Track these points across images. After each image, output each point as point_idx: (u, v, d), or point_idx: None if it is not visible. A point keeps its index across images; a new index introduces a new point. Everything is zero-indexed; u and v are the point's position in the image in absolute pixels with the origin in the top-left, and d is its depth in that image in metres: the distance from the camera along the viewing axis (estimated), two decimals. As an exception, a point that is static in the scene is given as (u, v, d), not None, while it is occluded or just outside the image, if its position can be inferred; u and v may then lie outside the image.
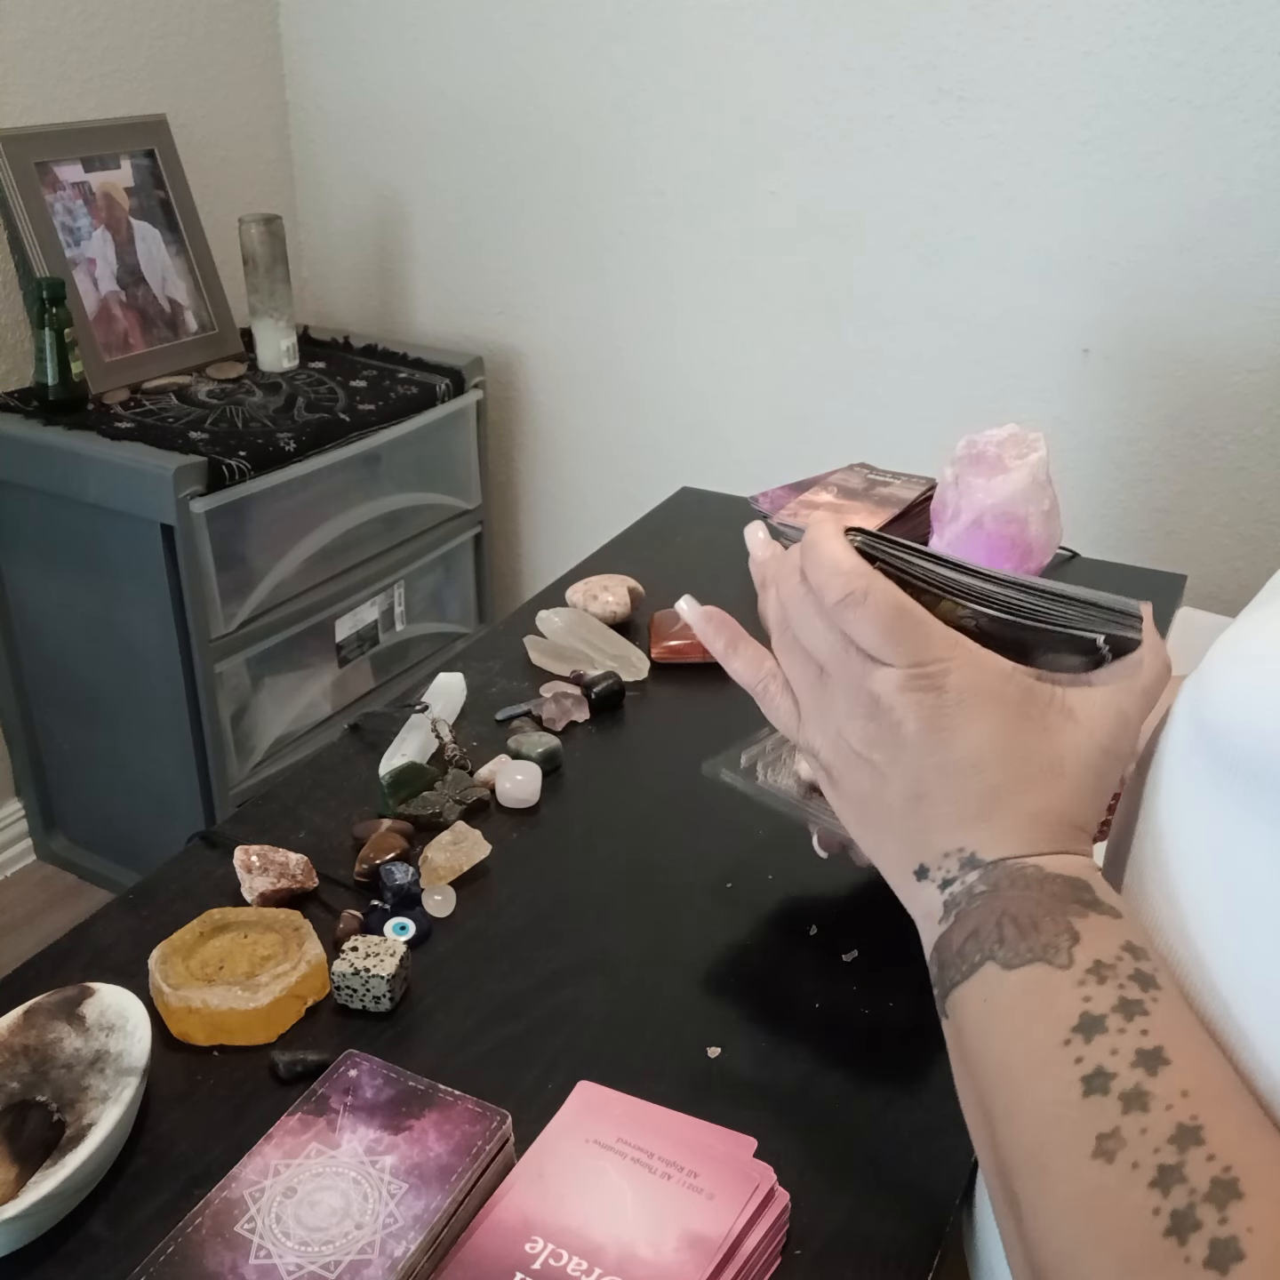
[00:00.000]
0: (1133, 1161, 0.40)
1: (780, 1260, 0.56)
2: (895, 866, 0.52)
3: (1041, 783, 0.50)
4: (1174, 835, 0.47)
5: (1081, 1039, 0.43)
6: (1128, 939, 0.45)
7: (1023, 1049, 0.45)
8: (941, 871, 0.50)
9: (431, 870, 0.77)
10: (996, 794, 0.50)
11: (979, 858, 0.49)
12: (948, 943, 0.49)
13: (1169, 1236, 0.38)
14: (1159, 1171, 0.39)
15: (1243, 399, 1.68)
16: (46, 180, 1.82)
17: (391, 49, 2.14)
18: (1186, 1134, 0.40)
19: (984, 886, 0.48)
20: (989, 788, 0.50)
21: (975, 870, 0.49)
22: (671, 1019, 0.68)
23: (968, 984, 0.47)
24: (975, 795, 0.50)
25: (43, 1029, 0.62)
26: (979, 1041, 0.47)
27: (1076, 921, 0.46)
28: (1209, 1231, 0.38)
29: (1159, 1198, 0.39)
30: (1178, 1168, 0.39)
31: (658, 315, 2.08)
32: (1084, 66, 1.63)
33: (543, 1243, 0.52)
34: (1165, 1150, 0.40)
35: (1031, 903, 0.47)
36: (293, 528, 1.84)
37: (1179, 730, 0.49)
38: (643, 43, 1.92)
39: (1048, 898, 0.47)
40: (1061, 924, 0.46)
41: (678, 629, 1.04)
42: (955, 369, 1.86)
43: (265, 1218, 0.53)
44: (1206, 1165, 0.39)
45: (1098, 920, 0.46)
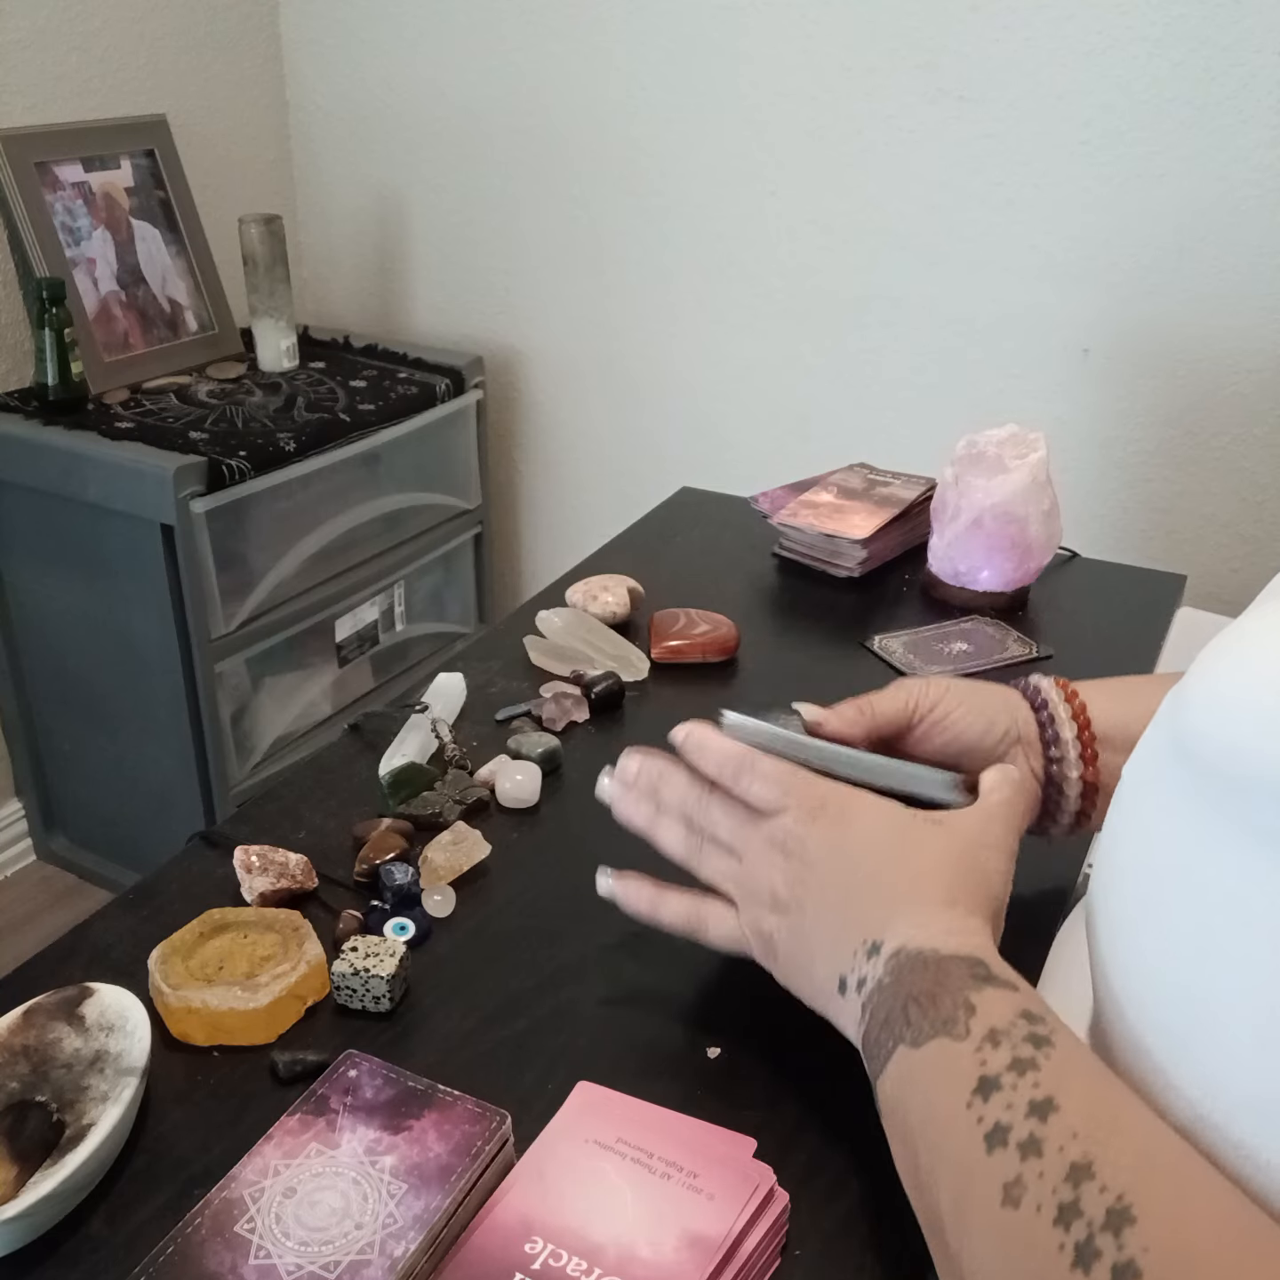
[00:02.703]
0: (1036, 1204, 0.42)
1: (780, 1260, 0.56)
2: (823, 991, 0.58)
3: (926, 872, 0.56)
4: (1147, 836, 0.48)
5: (980, 1099, 0.46)
6: (1024, 1008, 0.49)
7: (933, 1117, 0.48)
8: (855, 975, 0.55)
9: (431, 870, 0.77)
10: (884, 878, 0.56)
11: (880, 945, 0.54)
12: (867, 1038, 0.53)
13: (1075, 1268, 0.40)
14: (1059, 1210, 0.42)
15: (1243, 399, 1.68)
16: (46, 180, 1.82)
17: (391, 49, 2.14)
18: (1079, 1170, 0.42)
19: (889, 977, 0.53)
20: (876, 872, 0.57)
21: (879, 959, 0.54)
22: (671, 1019, 0.68)
23: (885, 1071, 0.51)
24: (867, 885, 0.57)
25: (43, 1029, 0.62)
26: (900, 1118, 0.50)
27: (972, 995, 0.50)
28: (1109, 1258, 0.40)
29: (1062, 1234, 0.41)
30: (1074, 1203, 0.41)
31: (658, 315, 2.08)
32: (1084, 66, 1.63)
33: (542, 1243, 0.52)
34: (1062, 1189, 0.42)
35: (930, 982, 0.51)
36: (293, 528, 1.84)
37: (1157, 732, 0.50)
38: (643, 43, 1.92)
39: (945, 976, 0.51)
40: (959, 999, 0.50)
41: (678, 629, 1.04)
42: (955, 369, 1.86)
43: (265, 1218, 0.53)
44: (1100, 1197, 0.41)
45: (993, 993, 0.50)
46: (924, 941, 0.53)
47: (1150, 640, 1.09)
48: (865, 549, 1.16)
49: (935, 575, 1.15)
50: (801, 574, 1.19)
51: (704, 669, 1.03)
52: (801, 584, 1.18)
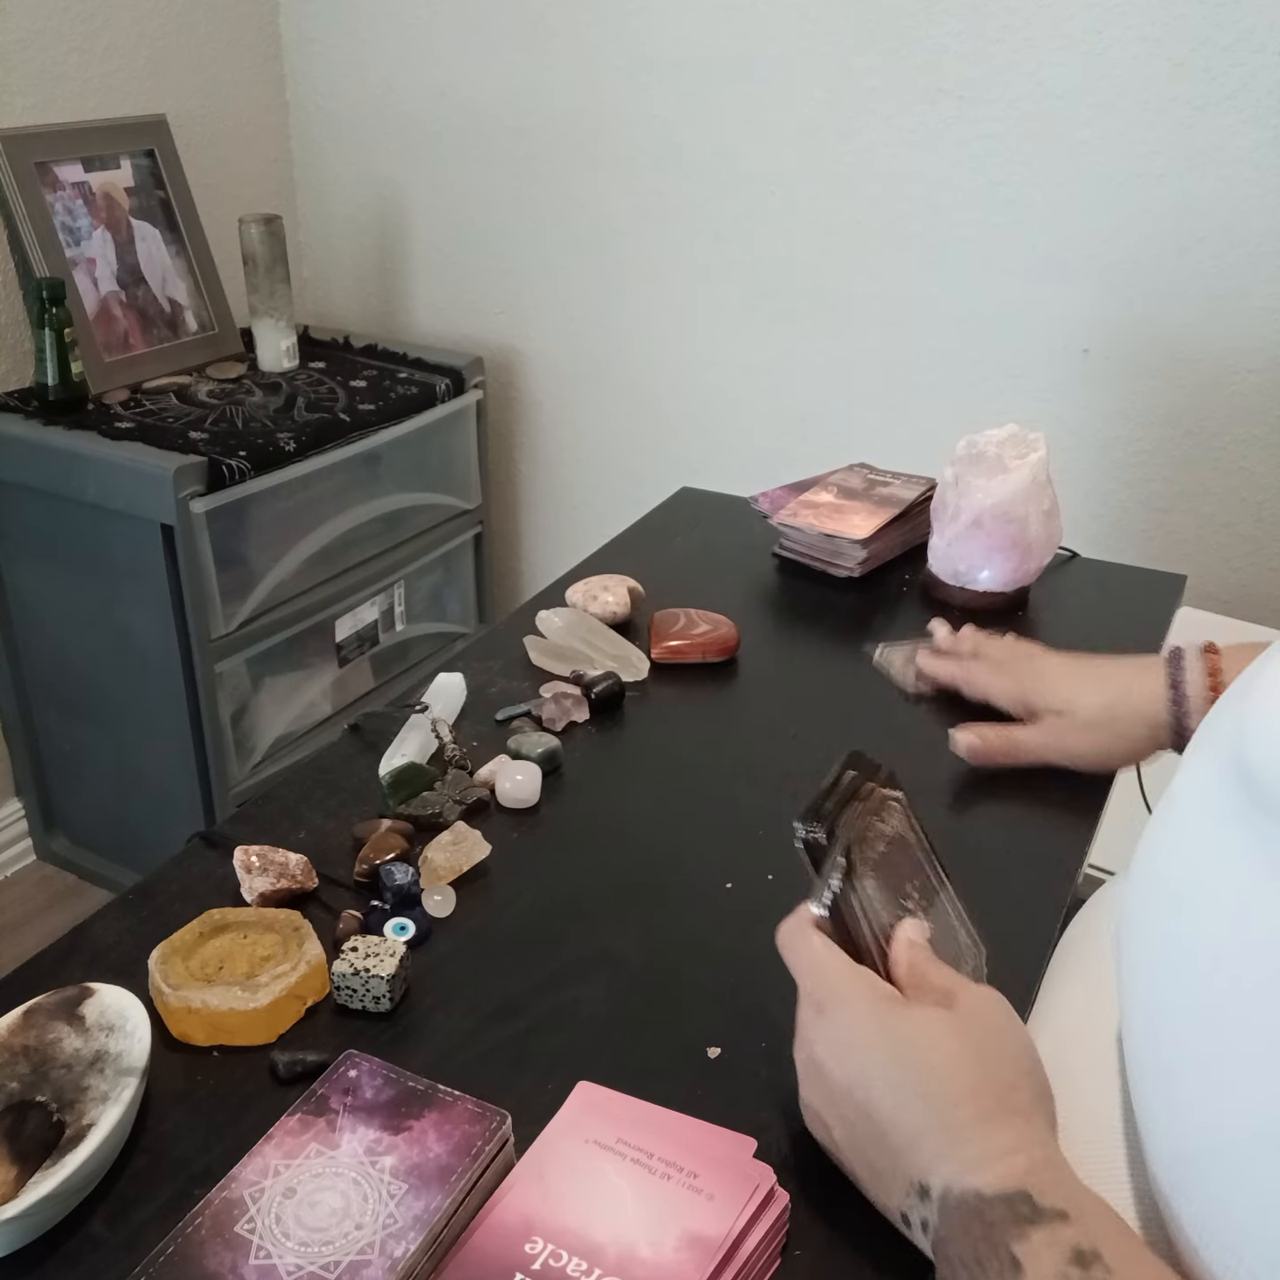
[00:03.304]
0: None
1: (780, 1260, 0.56)
2: (892, 1216, 0.55)
3: (949, 1091, 0.53)
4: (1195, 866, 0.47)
5: None
6: (1074, 1245, 0.46)
7: None
8: (915, 1214, 0.53)
9: (431, 870, 0.77)
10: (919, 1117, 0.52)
11: (928, 1189, 0.51)
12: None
13: None
14: None
15: (1243, 399, 1.68)
16: (46, 180, 1.82)
17: (392, 49, 2.14)
18: None
19: (944, 1228, 0.50)
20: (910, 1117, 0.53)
21: (933, 1204, 0.51)
22: (671, 1019, 0.68)
23: None
24: (900, 1130, 0.53)
25: (43, 1029, 0.62)
26: None
27: (1017, 1247, 0.47)
28: None
29: None
30: None
31: (658, 315, 2.08)
32: (1084, 66, 1.63)
33: (542, 1243, 0.52)
34: None
35: (977, 1239, 0.48)
36: (293, 528, 1.84)
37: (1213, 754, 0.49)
38: (643, 43, 1.92)
39: (989, 1229, 0.48)
40: (1004, 1256, 0.47)
41: (678, 629, 1.04)
42: (955, 369, 1.86)
43: (265, 1218, 0.53)
44: None
45: (1039, 1237, 0.47)
46: (967, 1182, 0.50)
47: (1150, 640, 1.09)
48: (865, 549, 1.16)
49: (935, 575, 1.15)
50: (801, 574, 1.19)
51: (704, 669, 1.03)
52: (801, 584, 1.18)
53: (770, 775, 0.89)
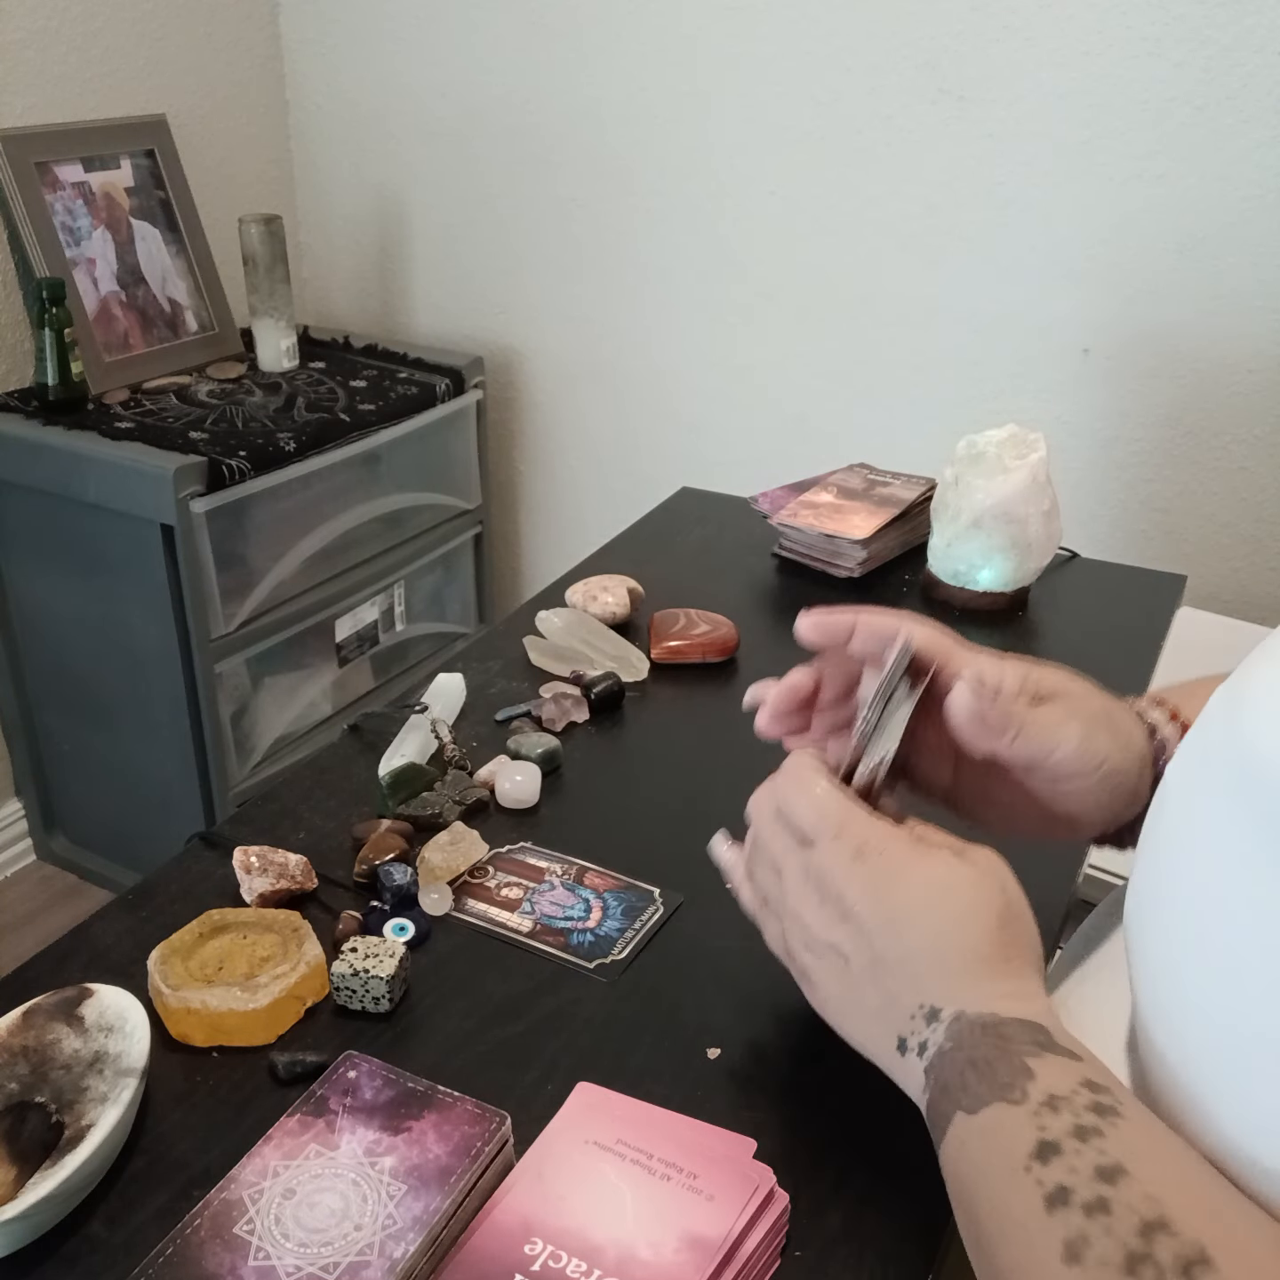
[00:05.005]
0: (1101, 1259, 0.42)
1: (780, 1261, 0.56)
2: (882, 1049, 0.56)
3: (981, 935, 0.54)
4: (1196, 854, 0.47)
5: (1039, 1164, 0.45)
6: (1086, 1077, 0.48)
7: (989, 1180, 0.47)
8: (915, 1037, 0.54)
9: (429, 871, 0.77)
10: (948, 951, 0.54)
11: (939, 1011, 0.53)
12: (932, 1106, 0.52)
13: None
14: (1127, 1259, 0.41)
15: (1243, 399, 1.68)
16: (46, 180, 1.82)
17: (391, 49, 2.14)
18: (1152, 1227, 0.41)
19: (949, 1043, 0.52)
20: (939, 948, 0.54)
21: (939, 1024, 0.52)
22: (671, 1019, 0.68)
23: (946, 1139, 0.51)
24: (926, 957, 0.54)
25: (42, 1030, 0.62)
26: (960, 1184, 0.50)
27: (1031, 1061, 0.49)
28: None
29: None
30: (1146, 1255, 0.41)
31: (658, 315, 2.08)
32: (1084, 66, 1.63)
33: (542, 1244, 0.52)
34: (1133, 1242, 0.41)
35: (989, 1047, 0.50)
36: (293, 528, 1.84)
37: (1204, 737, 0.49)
38: (643, 43, 1.92)
39: (1005, 1042, 0.50)
40: (1017, 1064, 0.49)
41: (678, 629, 1.04)
42: (955, 369, 1.86)
43: (264, 1219, 0.52)
44: (1175, 1246, 0.40)
45: (1053, 1060, 0.49)
46: (984, 1006, 0.52)
47: (1150, 640, 1.09)
48: (865, 549, 1.16)
49: (935, 575, 1.15)
50: (801, 574, 1.19)
51: (704, 669, 1.03)
52: (801, 584, 1.18)
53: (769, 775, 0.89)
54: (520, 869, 0.79)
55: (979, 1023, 0.51)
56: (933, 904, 0.55)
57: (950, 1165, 0.51)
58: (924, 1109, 0.53)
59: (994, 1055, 0.49)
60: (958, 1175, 0.50)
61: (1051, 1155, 0.45)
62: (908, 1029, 0.54)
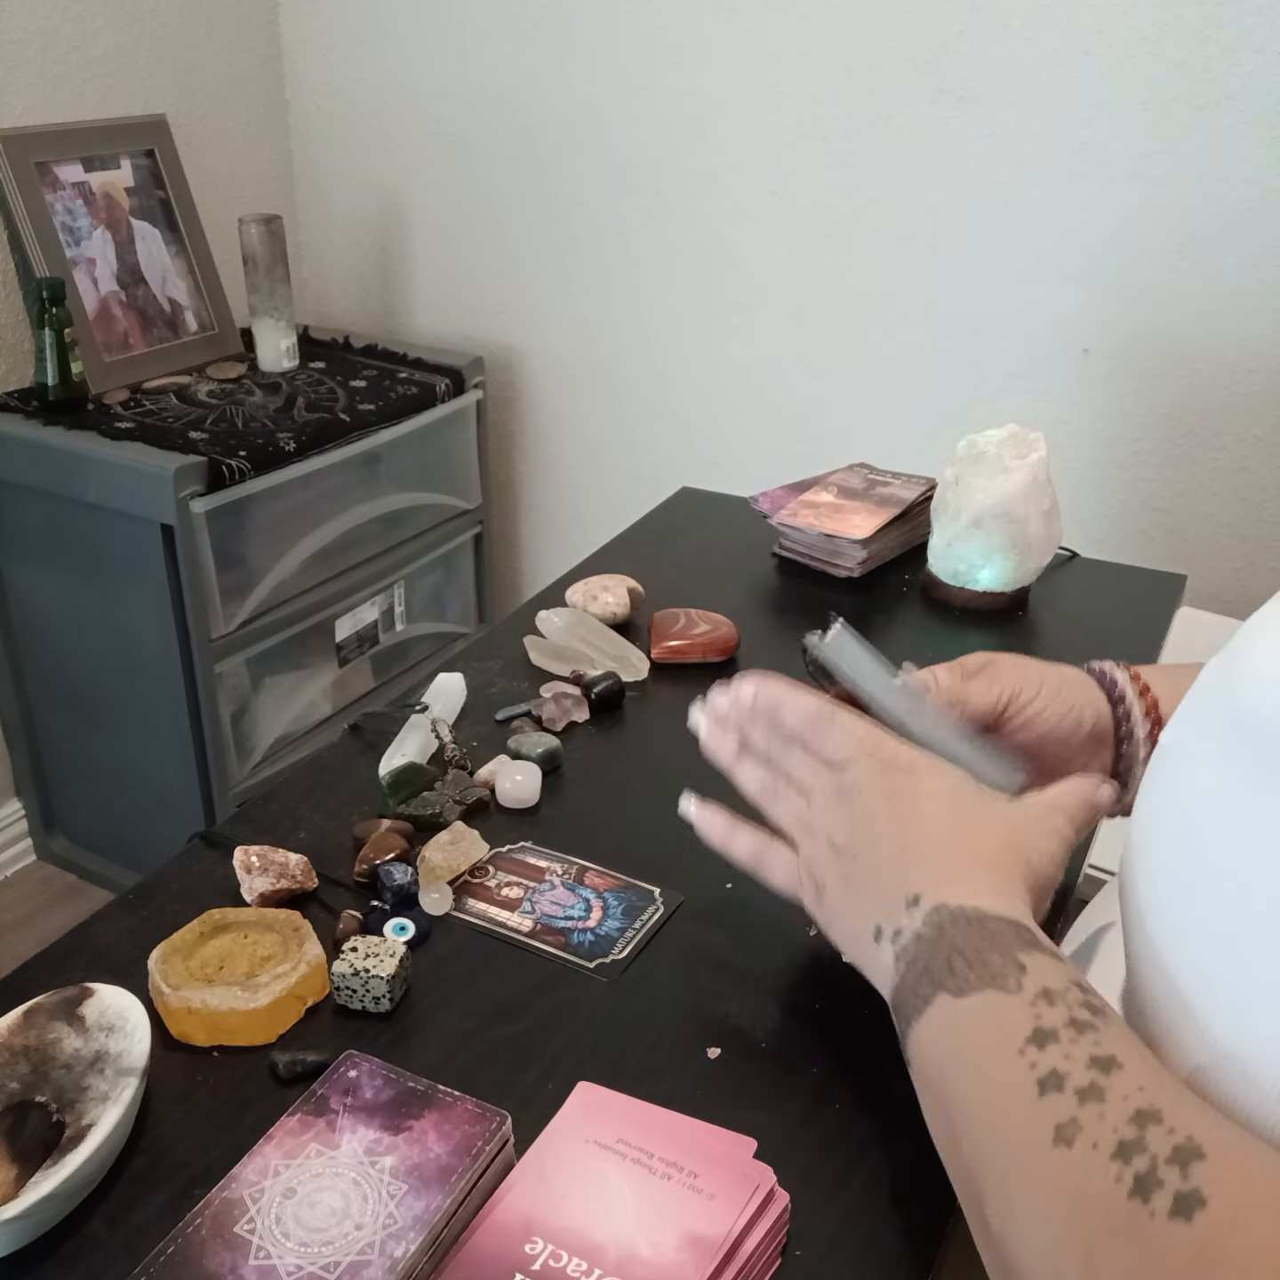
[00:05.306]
0: (1092, 1143, 0.41)
1: (780, 1261, 0.56)
2: (860, 939, 0.58)
3: (976, 829, 0.57)
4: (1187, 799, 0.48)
5: (1035, 1048, 0.45)
6: (1074, 978, 0.48)
7: (978, 1062, 0.47)
8: (891, 924, 0.55)
9: (429, 870, 0.77)
10: (935, 837, 0.57)
11: (920, 897, 0.54)
12: (902, 987, 0.53)
13: (1132, 1198, 0.39)
14: (1119, 1146, 0.40)
15: (1243, 399, 1.68)
16: (46, 180, 1.82)
17: (391, 49, 2.14)
18: (1145, 1116, 0.41)
19: (930, 931, 0.52)
20: (929, 834, 0.57)
21: (919, 912, 0.54)
22: (671, 1019, 0.68)
23: (923, 1017, 0.51)
24: (918, 843, 0.57)
25: (43, 1029, 0.62)
26: (938, 1068, 0.50)
27: (1022, 956, 0.49)
28: (1171, 1187, 0.38)
29: (1120, 1166, 0.40)
30: (1138, 1141, 0.40)
31: (657, 315, 2.08)
32: (1084, 66, 1.63)
33: (543, 1243, 0.52)
34: (1124, 1129, 0.41)
35: (976, 938, 0.51)
36: (293, 528, 1.84)
37: (1200, 701, 0.49)
38: (643, 43, 1.92)
39: (992, 935, 0.50)
40: (1008, 957, 0.49)
41: (678, 629, 1.04)
42: (955, 369, 1.86)
43: (265, 1218, 0.53)
44: (1167, 1137, 0.40)
45: (1042, 958, 0.49)
46: (966, 900, 0.53)
47: (1150, 640, 1.09)
48: (865, 549, 1.16)
49: (935, 575, 1.15)
50: (801, 574, 1.19)
51: (704, 669, 1.02)
52: (801, 584, 1.18)
53: (770, 775, 0.89)
54: (520, 869, 0.79)
55: (961, 914, 0.52)
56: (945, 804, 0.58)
57: (925, 1047, 0.51)
58: (890, 994, 0.55)
59: (983, 945, 0.50)
60: (932, 1058, 0.50)
61: (1048, 1042, 0.45)
62: (886, 917, 0.56)
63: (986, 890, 0.53)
